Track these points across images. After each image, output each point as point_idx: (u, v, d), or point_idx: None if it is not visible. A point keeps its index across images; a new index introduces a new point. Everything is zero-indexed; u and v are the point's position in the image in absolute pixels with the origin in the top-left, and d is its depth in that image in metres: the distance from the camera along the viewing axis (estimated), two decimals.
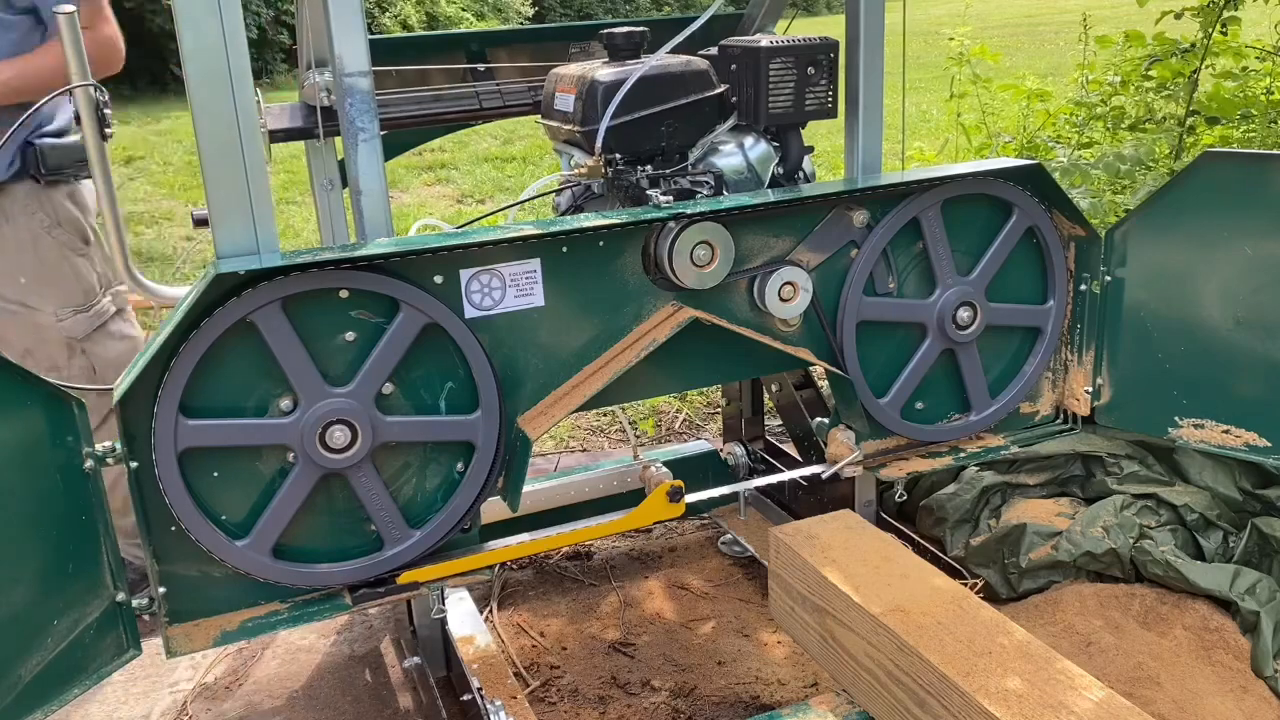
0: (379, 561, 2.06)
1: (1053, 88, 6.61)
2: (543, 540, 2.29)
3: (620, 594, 3.01)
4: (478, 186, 8.90)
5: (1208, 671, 2.44)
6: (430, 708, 2.47)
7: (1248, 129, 4.96)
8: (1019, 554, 2.78)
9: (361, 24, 1.93)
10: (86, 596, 1.92)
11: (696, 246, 2.12)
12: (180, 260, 6.75)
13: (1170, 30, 5.30)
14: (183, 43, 1.79)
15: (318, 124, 2.53)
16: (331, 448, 1.94)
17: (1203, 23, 5.00)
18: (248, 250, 1.89)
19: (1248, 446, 2.40)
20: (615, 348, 2.17)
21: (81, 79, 2.08)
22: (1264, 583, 2.54)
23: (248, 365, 1.90)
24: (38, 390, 1.83)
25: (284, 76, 18.08)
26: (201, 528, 1.91)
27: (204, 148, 1.84)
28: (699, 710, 2.53)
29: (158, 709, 2.63)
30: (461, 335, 2.01)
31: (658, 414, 4.27)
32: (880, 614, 1.99)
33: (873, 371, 2.43)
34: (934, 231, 2.37)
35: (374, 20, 19.12)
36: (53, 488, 1.86)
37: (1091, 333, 2.57)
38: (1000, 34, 18.12)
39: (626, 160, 2.35)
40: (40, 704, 1.85)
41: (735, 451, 3.28)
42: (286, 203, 8.37)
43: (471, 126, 6.01)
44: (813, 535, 2.27)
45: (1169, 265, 2.43)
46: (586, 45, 2.93)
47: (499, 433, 2.08)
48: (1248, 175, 2.30)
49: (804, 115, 2.43)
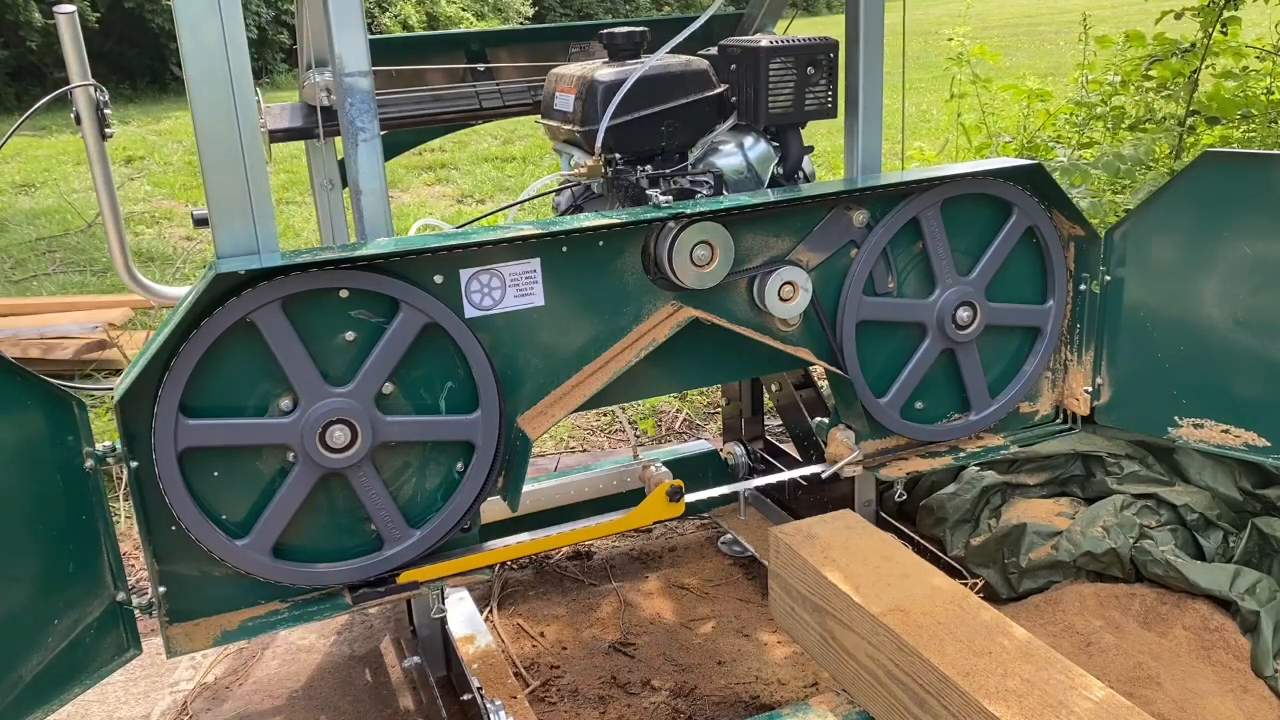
0: (379, 561, 2.06)
1: (1053, 88, 6.61)
2: (543, 540, 2.29)
3: (620, 594, 3.01)
4: (478, 186, 8.89)
5: (1208, 671, 2.44)
6: (430, 708, 2.47)
7: (1248, 129, 4.96)
8: (1019, 554, 2.78)
9: (361, 24, 1.93)
10: (86, 596, 1.92)
11: (696, 246, 2.12)
12: (180, 260, 6.75)
13: (1170, 30, 5.30)
14: (183, 43, 1.79)
15: (318, 124, 2.53)
16: (331, 447, 1.94)
17: (1203, 23, 5.01)
18: (248, 250, 1.89)
19: (1247, 446, 2.40)
20: (615, 347, 2.17)
21: (81, 79, 2.08)
22: (1264, 583, 2.54)
23: (248, 365, 1.90)
24: (38, 390, 1.83)
25: (284, 76, 18.07)
26: (201, 527, 1.91)
27: (204, 148, 1.84)
28: (699, 710, 2.53)
29: (158, 709, 2.63)
30: (461, 335, 2.01)
31: (658, 414, 4.27)
32: (880, 614, 1.99)
33: (872, 371, 2.43)
34: (934, 231, 2.37)
35: (374, 20, 19.12)
36: (53, 488, 1.86)
37: (1091, 332, 2.57)
38: (1000, 34, 18.12)
39: (626, 160, 2.35)
40: (40, 703, 1.85)
41: (735, 451, 3.28)
42: (286, 203, 8.37)
43: (471, 126, 6.01)
44: (813, 535, 2.27)
45: (1169, 265, 2.43)
46: (586, 45, 2.93)
47: (499, 432, 2.08)
48: (1248, 175, 2.30)
49: (804, 115, 2.43)
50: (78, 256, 6.97)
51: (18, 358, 4.56)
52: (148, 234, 7.66)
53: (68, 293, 6.09)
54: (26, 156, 10.66)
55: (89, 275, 6.53)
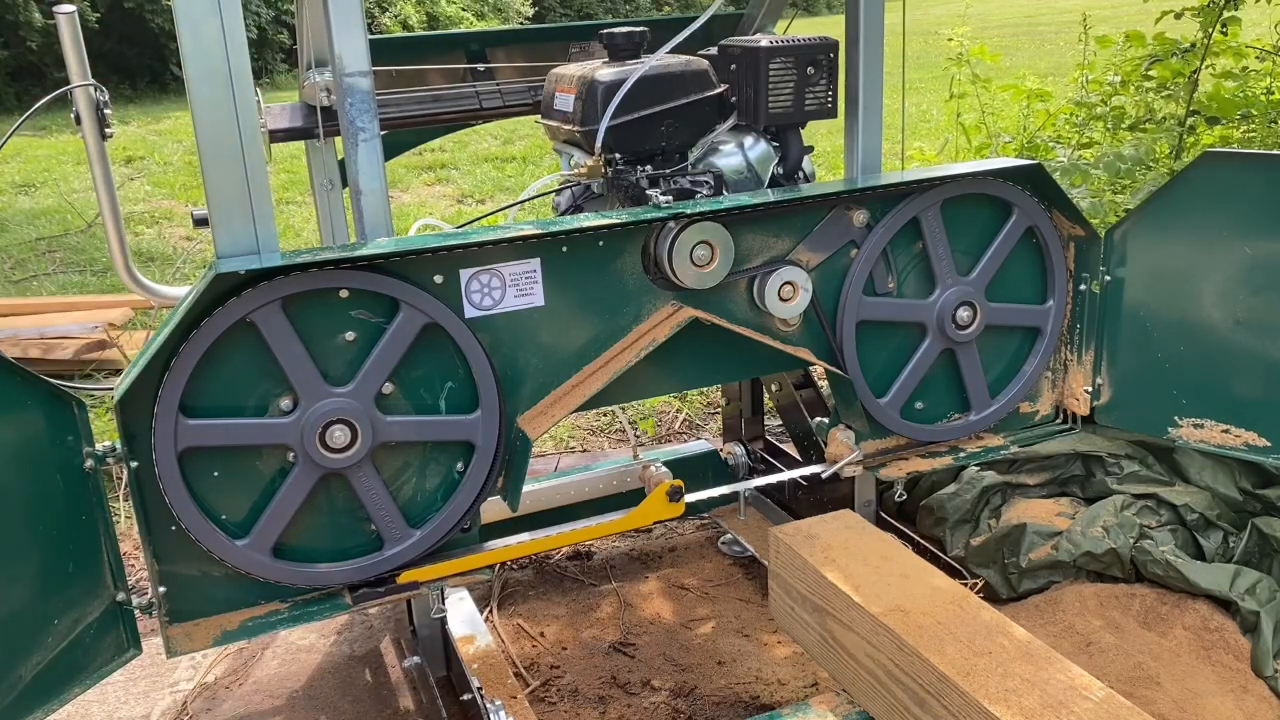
0: (379, 561, 2.06)
1: (1053, 88, 6.61)
2: (543, 540, 2.29)
3: (620, 594, 3.01)
4: (478, 186, 8.89)
5: (1208, 671, 2.44)
6: (430, 708, 2.47)
7: (1248, 129, 4.96)
8: (1019, 554, 2.78)
9: (361, 24, 1.93)
10: (86, 596, 1.92)
11: (696, 246, 2.12)
12: (180, 260, 6.75)
13: (1170, 30, 5.30)
14: (183, 43, 1.79)
15: (318, 124, 2.53)
16: (331, 447, 1.94)
17: (1203, 23, 5.00)
18: (248, 250, 1.89)
19: (1247, 446, 2.40)
20: (615, 347, 2.17)
21: (81, 79, 2.08)
22: (1264, 583, 2.54)
23: (248, 365, 1.90)
24: (38, 390, 1.83)
25: (284, 76, 18.07)
26: (201, 527, 1.91)
27: (204, 148, 1.84)
28: (699, 710, 2.53)
29: (158, 709, 2.63)
30: (461, 335, 2.01)
31: (658, 414, 4.27)
32: (880, 614, 1.99)
33: (872, 371, 2.43)
34: (934, 231, 2.37)
35: (374, 20, 19.12)
36: (53, 488, 1.86)
37: (1091, 332, 2.57)
38: (1000, 34, 18.12)
39: (626, 160, 2.35)
40: (40, 703, 1.85)
41: (735, 451, 3.28)
42: (286, 203, 8.37)
43: (471, 126, 6.01)
44: (813, 535, 2.27)
45: (1169, 265, 2.43)
46: (586, 45, 2.93)
47: (499, 432, 2.08)
48: (1248, 175, 2.30)
49: (804, 115, 2.43)
50: (78, 256, 6.97)
51: (18, 358, 4.56)
52: (148, 234, 7.66)
53: (68, 293, 6.09)
54: (26, 156, 10.67)
55: (89, 275, 6.53)
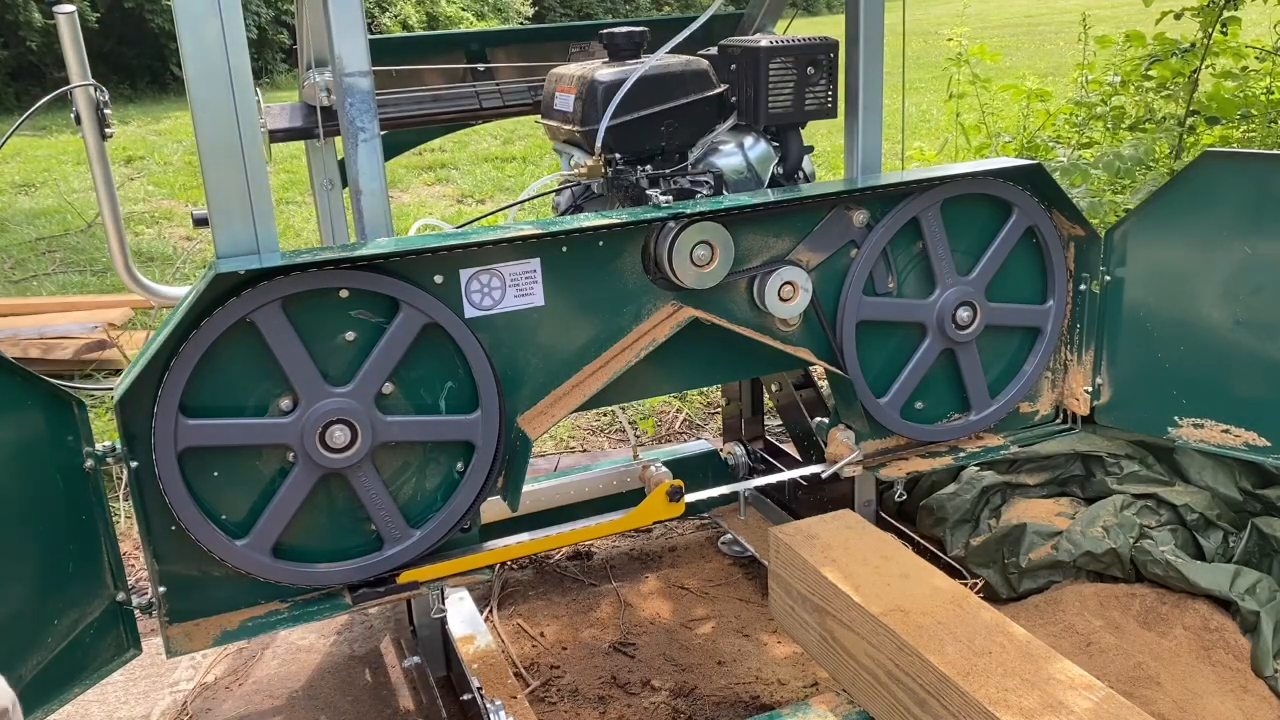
0: (379, 561, 2.06)
1: (1053, 88, 6.60)
2: (543, 540, 2.29)
3: (620, 594, 3.01)
4: (478, 186, 8.89)
5: (1208, 671, 2.44)
6: (430, 708, 2.47)
7: (1248, 129, 4.96)
8: (1019, 554, 2.78)
9: (361, 24, 1.93)
10: (86, 596, 1.92)
11: (696, 246, 2.12)
12: (180, 260, 6.75)
13: (1170, 30, 5.29)
14: (183, 43, 1.79)
15: (318, 124, 2.53)
16: (331, 447, 1.94)
17: (1203, 23, 5.00)
18: (248, 250, 1.89)
19: (1247, 446, 2.40)
20: (615, 347, 2.17)
21: (81, 79, 2.08)
22: (1264, 583, 2.54)
23: (248, 365, 1.90)
24: (38, 390, 1.83)
25: (284, 76, 18.06)
26: (201, 527, 1.91)
27: (204, 148, 1.84)
28: (699, 710, 2.53)
29: (158, 709, 2.63)
30: (461, 335, 2.01)
31: (658, 414, 4.27)
32: (880, 614, 1.99)
33: (872, 371, 2.43)
34: (934, 231, 2.37)
35: (374, 20, 19.11)
36: (53, 488, 1.86)
37: (1091, 332, 2.57)
38: (1000, 34, 18.12)
39: (626, 160, 2.35)
40: (41, 703, 1.85)
41: (735, 451, 3.28)
42: (286, 203, 8.36)
43: (471, 126, 6.01)
44: (813, 535, 2.27)
45: (1169, 265, 2.43)
46: (586, 45, 2.93)
47: (499, 432, 2.08)
48: (1248, 175, 2.30)
49: (804, 115, 2.43)
50: (78, 256, 6.97)
51: (18, 358, 4.56)
52: (148, 234, 7.66)
53: (68, 293, 6.09)
54: (26, 156, 10.66)
55: (89, 275, 6.53)
